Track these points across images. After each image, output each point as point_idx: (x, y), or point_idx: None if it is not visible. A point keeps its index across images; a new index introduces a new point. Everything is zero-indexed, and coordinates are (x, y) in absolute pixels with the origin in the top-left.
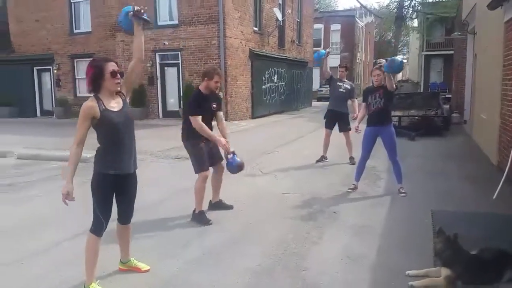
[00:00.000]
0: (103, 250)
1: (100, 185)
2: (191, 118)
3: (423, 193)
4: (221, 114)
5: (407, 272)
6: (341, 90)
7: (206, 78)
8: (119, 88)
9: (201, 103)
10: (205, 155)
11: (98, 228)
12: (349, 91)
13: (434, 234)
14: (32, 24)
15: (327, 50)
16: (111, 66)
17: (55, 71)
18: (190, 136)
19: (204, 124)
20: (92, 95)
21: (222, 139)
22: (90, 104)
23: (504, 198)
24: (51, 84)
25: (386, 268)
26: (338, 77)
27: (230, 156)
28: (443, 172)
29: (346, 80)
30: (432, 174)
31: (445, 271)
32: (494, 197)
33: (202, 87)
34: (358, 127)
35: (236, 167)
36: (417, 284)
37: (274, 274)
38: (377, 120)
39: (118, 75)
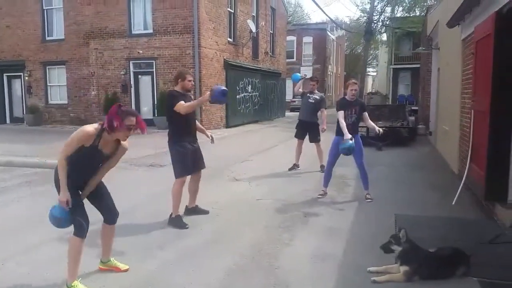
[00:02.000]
0: (84, 252)
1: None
2: (176, 106)
3: (388, 199)
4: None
5: (368, 269)
6: (310, 101)
7: (179, 80)
8: (125, 141)
9: (179, 98)
10: (188, 161)
11: (80, 230)
12: (319, 102)
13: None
14: (3, 30)
15: (303, 75)
16: (130, 122)
17: (26, 77)
18: (176, 140)
19: (189, 103)
20: (100, 124)
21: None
22: (92, 133)
23: (462, 203)
24: (21, 91)
25: (352, 266)
26: (309, 90)
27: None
28: (408, 180)
29: (317, 92)
30: (397, 182)
31: (403, 267)
32: (453, 203)
33: (178, 88)
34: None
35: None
36: (379, 279)
37: (248, 272)
38: (349, 131)
39: (132, 131)
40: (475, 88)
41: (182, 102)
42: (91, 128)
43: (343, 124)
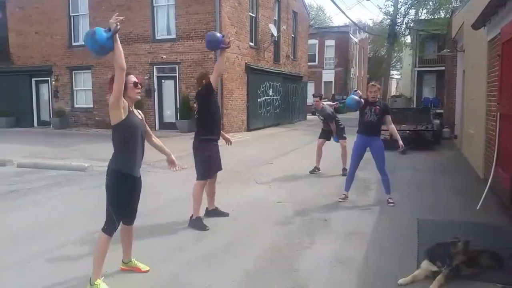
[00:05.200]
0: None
1: (118, 185)
2: (211, 78)
3: (411, 203)
4: None
5: (398, 282)
6: (320, 118)
7: (204, 81)
8: (139, 96)
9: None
10: (213, 166)
11: (110, 228)
12: (326, 119)
13: (419, 241)
14: (32, 36)
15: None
16: (133, 78)
17: (53, 82)
18: (201, 136)
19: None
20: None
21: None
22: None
23: (487, 208)
24: (49, 95)
25: (372, 271)
26: (314, 106)
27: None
28: (431, 184)
29: (323, 107)
30: (420, 186)
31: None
32: (478, 208)
33: None
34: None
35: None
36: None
37: (267, 275)
38: (368, 131)
39: (139, 85)
40: (501, 90)
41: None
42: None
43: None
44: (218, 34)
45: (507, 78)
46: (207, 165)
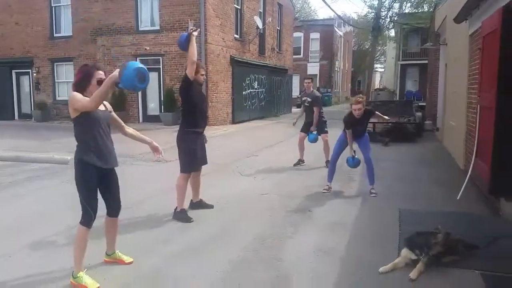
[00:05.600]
0: (89, 244)
1: (85, 177)
2: (187, 71)
3: (393, 194)
4: None
5: (380, 270)
6: (306, 104)
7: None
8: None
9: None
10: (197, 159)
11: (86, 220)
12: (311, 103)
13: (400, 230)
14: (12, 27)
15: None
16: (99, 75)
17: (35, 74)
18: (184, 128)
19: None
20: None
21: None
22: (80, 93)
23: (467, 198)
24: (30, 88)
25: (355, 260)
26: (304, 90)
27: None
28: (413, 176)
29: (313, 91)
30: (402, 177)
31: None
32: (458, 198)
33: None
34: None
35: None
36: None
37: (251, 265)
38: (356, 136)
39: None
40: (481, 83)
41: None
42: (75, 93)
43: (351, 142)
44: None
45: (487, 72)
46: (191, 158)
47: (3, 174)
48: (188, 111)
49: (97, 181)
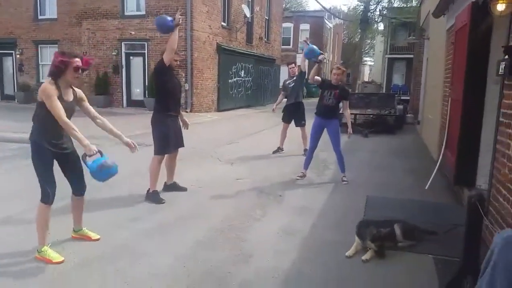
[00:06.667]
0: (57, 222)
1: (40, 157)
2: (164, 56)
3: (365, 182)
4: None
5: (346, 254)
6: (291, 85)
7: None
8: (75, 81)
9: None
10: (170, 141)
11: (44, 197)
12: (297, 79)
13: (365, 216)
14: None
15: (321, 57)
16: (76, 62)
17: (18, 56)
18: (158, 113)
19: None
20: (49, 78)
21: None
22: (51, 85)
23: (435, 188)
24: (13, 69)
25: (317, 240)
26: (289, 75)
27: None
28: (387, 166)
29: (296, 76)
30: (376, 167)
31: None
32: (426, 187)
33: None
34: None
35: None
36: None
37: (216, 244)
38: (326, 113)
39: (80, 71)
40: (453, 77)
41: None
42: (46, 83)
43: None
44: (169, 18)
45: (458, 66)
46: (164, 141)
47: None
48: (161, 95)
49: (52, 161)
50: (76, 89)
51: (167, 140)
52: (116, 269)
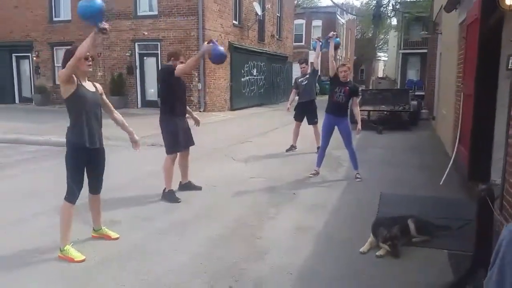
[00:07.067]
0: (79, 221)
1: (74, 158)
2: (177, 69)
3: (378, 179)
4: None
5: (360, 250)
6: (304, 83)
7: (172, 58)
8: (90, 69)
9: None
10: (180, 138)
11: (70, 196)
12: (310, 77)
13: (378, 213)
14: (11, 10)
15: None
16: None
17: (34, 58)
18: (169, 118)
19: (188, 61)
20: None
21: (204, 45)
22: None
23: (450, 184)
24: (30, 71)
25: (331, 237)
26: (301, 74)
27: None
28: (401, 162)
29: (308, 73)
30: (390, 163)
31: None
32: (441, 183)
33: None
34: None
35: (219, 54)
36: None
37: (231, 242)
38: (336, 111)
39: (90, 59)
40: (465, 71)
41: (180, 65)
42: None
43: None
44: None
45: (470, 60)
46: (173, 140)
47: (1, 155)
48: (168, 98)
49: (85, 162)
50: (95, 83)
51: (177, 139)
52: (134, 267)
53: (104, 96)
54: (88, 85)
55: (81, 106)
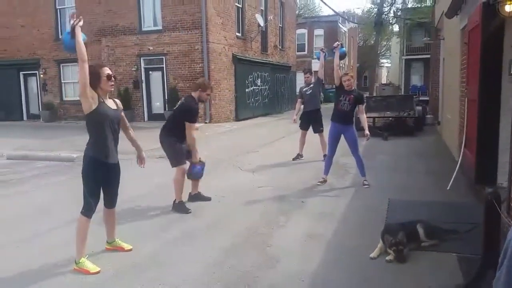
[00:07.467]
0: (93, 233)
1: (92, 173)
2: (189, 124)
3: (386, 185)
4: None
5: (370, 256)
6: (308, 92)
7: (200, 89)
8: (112, 88)
9: (195, 113)
10: (184, 150)
11: (87, 211)
12: (315, 86)
13: (387, 219)
14: (18, 29)
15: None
16: (106, 70)
17: (41, 75)
18: (172, 134)
19: (193, 142)
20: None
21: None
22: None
23: (457, 188)
24: (37, 88)
25: (339, 245)
26: (305, 84)
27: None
28: (408, 168)
29: (313, 83)
30: (397, 169)
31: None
32: (448, 188)
33: (195, 95)
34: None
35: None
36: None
37: (242, 250)
38: (341, 119)
39: (113, 78)
40: (468, 77)
41: (195, 129)
42: None
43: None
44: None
45: (472, 65)
46: (178, 151)
47: (11, 171)
48: (179, 129)
49: (104, 177)
50: (116, 100)
51: (181, 150)
52: (148, 278)
53: (123, 113)
54: (110, 103)
55: (102, 122)
